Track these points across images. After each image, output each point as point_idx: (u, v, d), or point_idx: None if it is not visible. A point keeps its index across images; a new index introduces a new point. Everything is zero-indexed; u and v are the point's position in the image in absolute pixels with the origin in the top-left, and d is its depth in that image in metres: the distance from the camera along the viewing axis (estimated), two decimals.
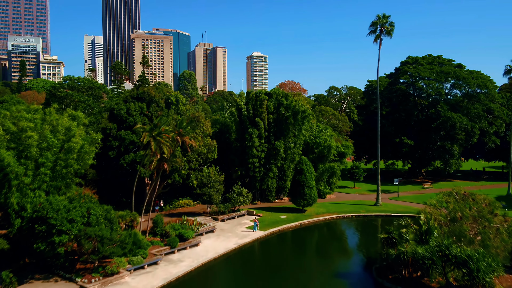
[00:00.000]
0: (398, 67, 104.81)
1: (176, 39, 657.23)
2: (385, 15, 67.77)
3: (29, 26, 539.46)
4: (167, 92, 68.60)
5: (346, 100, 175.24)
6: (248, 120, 71.06)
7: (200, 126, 65.81)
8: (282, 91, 74.00)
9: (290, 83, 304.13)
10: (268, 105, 70.92)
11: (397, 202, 73.18)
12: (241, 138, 72.14)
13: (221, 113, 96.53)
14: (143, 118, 63.15)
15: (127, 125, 61.87)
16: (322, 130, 77.73)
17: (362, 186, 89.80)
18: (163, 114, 65.25)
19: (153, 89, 66.40)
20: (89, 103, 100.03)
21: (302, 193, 63.80)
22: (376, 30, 68.76)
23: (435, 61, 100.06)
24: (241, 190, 62.88)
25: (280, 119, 71.09)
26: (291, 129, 70.83)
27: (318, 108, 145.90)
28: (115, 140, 61.19)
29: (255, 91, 72.87)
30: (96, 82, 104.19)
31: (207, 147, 65.67)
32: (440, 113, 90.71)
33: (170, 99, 67.06)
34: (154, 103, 64.91)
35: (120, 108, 62.69)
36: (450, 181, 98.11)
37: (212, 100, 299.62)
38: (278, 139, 70.80)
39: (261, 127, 69.82)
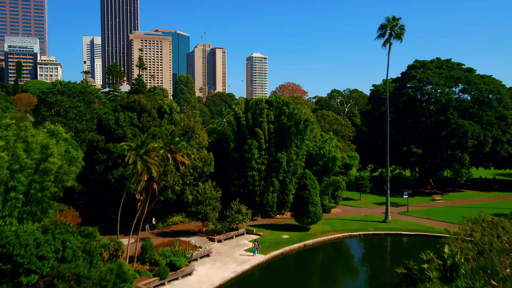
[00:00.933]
0: (405, 71, 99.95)
1: (175, 39, 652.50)
2: (394, 17, 62.89)
3: (26, 27, 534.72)
4: (160, 100, 63.73)
5: (348, 103, 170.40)
6: (247, 130, 66.14)
7: (195, 137, 60.88)
8: (283, 98, 69.11)
9: (291, 85, 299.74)
10: (268, 114, 66.00)
11: (407, 217, 68.24)
12: (240, 149, 67.25)
13: (219, 119, 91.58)
14: (134, 129, 58.20)
15: (116, 136, 56.89)
16: (326, 140, 72.76)
17: (368, 197, 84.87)
18: (155, 124, 60.40)
19: (144, 97, 61.44)
20: (81, 109, 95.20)
21: (306, 210, 58.85)
22: (385, 33, 63.87)
23: (444, 65, 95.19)
24: (239, 207, 57.97)
25: (282, 128, 66.20)
26: (293, 139, 65.91)
27: (320, 113, 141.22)
28: (102, 153, 56.24)
29: (255, 99, 67.93)
30: (88, 87, 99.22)
31: (203, 160, 60.74)
32: (451, 121, 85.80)
33: (163, 107, 62.11)
34: (145, 112, 59.94)
35: (108, 118, 57.73)
36: (460, 191, 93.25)
37: (211, 103, 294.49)
38: (280, 150, 65.88)
39: (261, 137, 64.90)
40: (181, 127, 62.80)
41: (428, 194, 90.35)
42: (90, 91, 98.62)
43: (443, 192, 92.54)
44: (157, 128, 59.40)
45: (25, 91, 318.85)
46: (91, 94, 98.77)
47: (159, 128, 59.93)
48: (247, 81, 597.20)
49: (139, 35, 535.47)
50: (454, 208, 74.47)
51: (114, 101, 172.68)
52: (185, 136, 61.61)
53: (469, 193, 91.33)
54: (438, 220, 65.62)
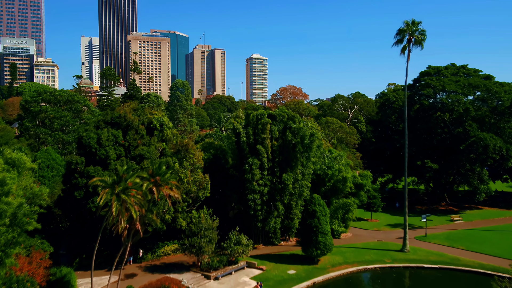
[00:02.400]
0: (417, 78, 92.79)
1: (174, 40, 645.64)
2: (414, 21, 55.68)
3: (23, 28, 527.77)
4: (150, 114, 56.55)
5: (352, 109, 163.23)
6: (248, 147, 58.96)
7: (189, 157, 53.65)
8: (288, 111, 61.90)
9: (291, 88, 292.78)
10: (272, 129, 58.83)
11: (426, 244, 61.03)
12: (239, 168, 60.09)
13: (217, 131, 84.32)
14: (118, 148, 50.97)
15: (97, 158, 49.69)
16: (336, 158, 65.53)
17: (380, 217, 77.64)
18: (143, 142, 53.17)
19: (131, 112, 54.15)
20: (67, 119, 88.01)
21: (315, 241, 51.61)
22: (403, 39, 56.71)
23: (460, 72, 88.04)
24: (239, 238, 50.80)
25: (287, 146, 59.01)
26: (299, 158, 58.74)
27: (324, 120, 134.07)
28: (82, 177, 49.02)
29: (256, 112, 60.65)
30: (75, 95, 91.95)
31: (197, 184, 53.54)
32: (469, 133, 78.74)
33: (152, 123, 54.87)
34: (132, 129, 52.72)
35: (89, 137, 50.49)
36: (478, 208, 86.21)
37: (209, 106, 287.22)
38: (284, 170, 58.71)
39: (264, 156, 57.71)
40: (173, 145, 55.60)
41: (444, 212, 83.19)
42: (77, 100, 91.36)
43: (460, 209, 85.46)
44: (145, 147, 52.18)
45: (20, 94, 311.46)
46: (79, 102, 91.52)
47: (148, 147, 52.72)
48: (247, 82, 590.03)
49: (137, 36, 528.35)
50: (477, 231, 67.35)
51: (108, 106, 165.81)
52: (177, 155, 54.52)
53: (489, 211, 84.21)
54: (462, 248, 58.48)
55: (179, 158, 54.13)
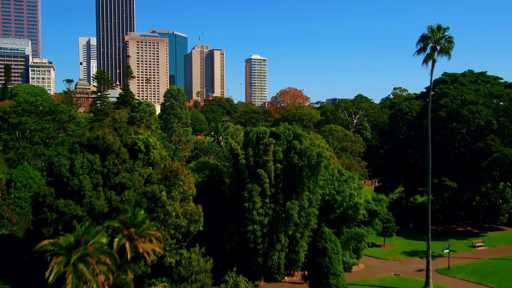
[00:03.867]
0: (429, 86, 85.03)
1: (173, 40, 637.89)
2: (440, 26, 48.17)
3: (19, 28, 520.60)
4: (134, 134, 49.04)
5: (357, 115, 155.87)
6: (248, 171, 51.39)
7: (179, 185, 46.14)
8: (293, 128, 54.29)
9: (292, 90, 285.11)
10: (275, 150, 51.23)
11: (451, 280, 53.47)
12: (238, 193, 52.54)
13: (213, 146, 76.66)
14: (95, 176, 43.42)
15: (69, 189, 42.15)
16: (346, 180, 57.91)
17: (394, 242, 70.04)
18: (125, 168, 45.65)
19: (111, 133, 46.60)
20: (49, 131, 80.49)
21: (326, 284, 44.10)
22: (426, 47, 49.19)
23: (479, 79, 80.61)
24: (237, 281, 43.38)
25: (292, 169, 51.47)
26: (306, 183, 51.25)
27: (327, 127, 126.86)
28: (51, 211, 41.45)
29: (257, 130, 52.93)
30: (59, 105, 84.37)
31: (188, 217, 46.01)
32: (491, 148, 71.24)
33: (136, 145, 47.34)
34: (112, 153, 45.16)
35: (60, 163, 42.93)
36: (499, 229, 78.68)
37: (207, 109, 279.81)
38: (289, 197, 51.22)
39: (265, 181, 50.16)
40: (161, 170, 48.13)
41: (463, 234, 75.69)
42: (61, 110, 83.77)
43: (480, 230, 77.99)
44: (127, 174, 44.63)
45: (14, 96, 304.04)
46: (63, 113, 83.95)
47: (131, 173, 45.17)
48: (246, 83, 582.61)
49: (135, 36, 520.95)
50: (506, 262, 59.87)
51: (101, 111, 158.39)
52: (165, 182, 47.05)
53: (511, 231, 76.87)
54: (493, 287, 50.99)
55: (168, 185, 46.68)
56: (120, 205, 42.60)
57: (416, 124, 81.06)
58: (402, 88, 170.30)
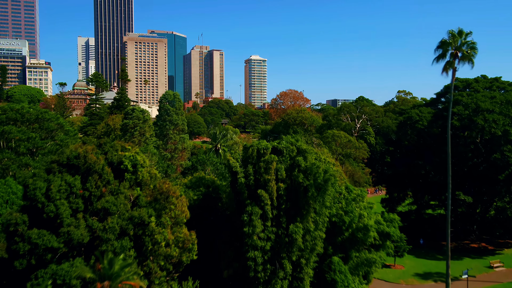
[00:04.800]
0: (442, 92, 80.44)
1: (172, 41, 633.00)
2: (462, 31, 43.30)
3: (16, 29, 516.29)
4: (122, 150, 44.11)
5: (360, 119, 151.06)
6: (247, 191, 46.42)
7: (170, 209, 41.18)
8: (298, 143, 49.23)
9: (292, 92, 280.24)
10: (278, 168, 46.25)
11: None
12: (236, 216, 47.58)
13: (211, 157, 71.66)
14: (75, 201, 38.43)
15: (45, 216, 37.18)
16: (355, 199, 52.90)
17: (405, 262, 65.09)
18: (110, 189, 40.67)
19: (94, 150, 41.55)
20: (36, 141, 75.41)
21: None
22: (445, 54, 44.26)
23: (494, 86, 75.75)
24: None
25: (296, 189, 46.50)
26: (312, 204, 46.30)
27: (330, 133, 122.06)
28: (23, 242, 36.50)
29: (257, 145, 47.88)
30: (46, 113, 79.38)
31: (180, 244, 41.04)
32: (509, 160, 66.35)
33: (123, 163, 42.34)
34: (94, 173, 40.15)
35: (36, 186, 37.96)
36: None
37: (206, 112, 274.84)
38: (293, 219, 46.24)
39: (267, 202, 45.17)
40: (150, 192, 43.07)
41: (477, 251, 70.80)
42: (49, 118, 78.73)
43: (495, 246, 73.19)
44: (111, 197, 39.60)
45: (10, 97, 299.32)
46: (51, 121, 78.90)
47: (116, 196, 40.17)
48: (246, 84, 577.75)
49: (134, 37, 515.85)
50: None
51: (96, 115, 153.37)
52: (155, 205, 42.08)
53: None
54: None
55: (158, 209, 41.70)
56: (103, 234, 37.71)
57: (427, 133, 76.12)
58: (406, 91, 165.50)
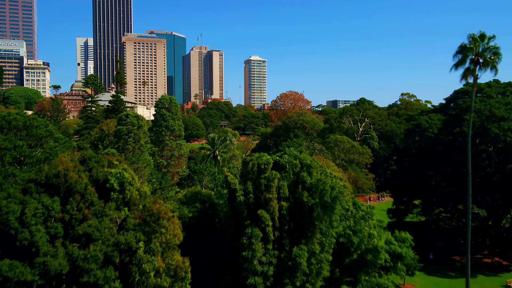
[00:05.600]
0: (451, 97, 76.37)
1: (171, 41, 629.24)
2: (484, 35, 39.13)
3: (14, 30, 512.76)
4: (108, 166, 39.96)
5: (363, 122, 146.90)
6: (247, 210, 42.33)
7: (161, 233, 36.97)
8: (301, 155, 45.03)
9: (292, 94, 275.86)
10: (280, 186, 42.11)
11: None
12: (235, 237, 43.46)
13: (208, 167, 67.37)
14: (53, 225, 34.24)
15: (18, 244, 32.99)
16: (364, 217, 48.72)
17: (415, 281, 60.88)
18: (94, 211, 36.49)
19: (76, 168, 37.35)
20: (23, 149, 71.06)
21: None
22: (465, 60, 40.08)
23: (507, 91, 71.63)
24: None
25: (300, 208, 42.40)
26: (318, 224, 42.17)
27: (333, 138, 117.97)
28: None
29: (257, 159, 43.63)
30: (34, 119, 75.09)
31: (171, 273, 36.84)
32: None
33: (109, 182, 38.15)
34: (76, 194, 35.96)
35: (9, 209, 33.76)
36: None
37: (205, 114, 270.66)
38: (296, 241, 42.15)
39: (268, 224, 41.06)
40: (139, 213, 38.84)
41: (491, 267, 66.63)
42: (37, 125, 74.45)
43: (509, 262, 68.92)
44: (95, 220, 35.41)
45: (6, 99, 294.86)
46: (39, 128, 74.61)
47: (100, 219, 36.00)
48: (245, 85, 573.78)
49: (132, 37, 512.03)
50: None
51: (91, 118, 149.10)
52: (144, 227, 37.88)
53: None
54: None
55: (147, 232, 37.51)
56: (84, 263, 33.56)
57: (435, 140, 71.93)
58: (410, 94, 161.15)
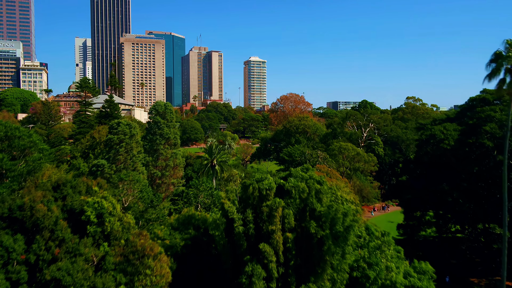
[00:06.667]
0: (467, 106, 70.83)
1: (170, 42, 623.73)
2: None
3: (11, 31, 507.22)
4: (86, 194, 34.34)
5: (367, 127, 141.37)
6: (247, 242, 36.70)
7: (146, 274, 31.37)
8: (310, 181, 39.25)
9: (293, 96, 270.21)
10: (285, 215, 36.46)
11: None
12: (234, 273, 37.80)
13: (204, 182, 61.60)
14: (15, 270, 28.61)
15: None
16: (380, 247, 43.05)
17: None
18: (66, 249, 30.87)
19: (46, 198, 31.79)
20: (4, 162, 65.54)
21: None
22: (499, 69, 34.51)
23: None
24: None
25: (308, 240, 36.78)
26: (329, 259, 36.52)
27: (337, 146, 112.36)
28: None
29: (258, 183, 37.96)
30: (17, 129, 69.50)
31: None
32: None
33: (85, 213, 32.58)
34: (44, 230, 30.35)
35: None
36: None
37: (204, 117, 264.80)
38: (304, 278, 36.51)
39: (271, 259, 35.41)
40: (121, 249, 33.22)
41: None
42: (19, 135, 68.88)
43: None
44: (65, 262, 29.78)
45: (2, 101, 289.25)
46: (21, 138, 69.06)
47: (73, 259, 30.40)
48: (245, 86, 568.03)
49: (130, 38, 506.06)
50: None
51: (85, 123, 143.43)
52: (127, 266, 32.27)
53: None
54: None
55: (129, 273, 31.94)
56: None
57: (453, 153, 66.28)
58: (415, 98, 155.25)
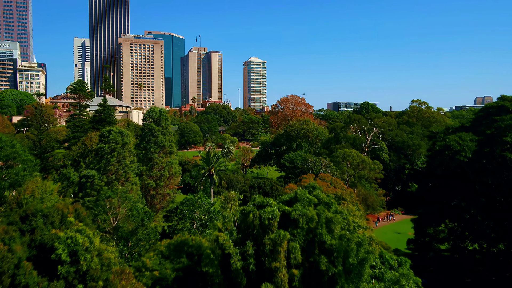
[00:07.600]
0: (483, 113, 65.81)
1: (169, 42, 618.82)
2: None
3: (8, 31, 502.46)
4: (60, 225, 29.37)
5: (371, 131, 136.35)
6: (246, 278, 31.73)
7: None
8: (318, 200, 34.31)
9: (293, 98, 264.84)
10: (291, 249, 31.46)
11: None
12: None
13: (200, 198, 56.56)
14: None
15: None
16: (398, 281, 38.03)
17: None
18: None
19: (8, 233, 26.77)
20: None
21: None
22: None
23: None
24: None
25: (317, 278, 31.80)
26: None
27: (341, 153, 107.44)
28: None
29: (260, 211, 32.93)
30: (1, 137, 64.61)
31: None
32: None
33: (56, 251, 27.55)
34: (3, 276, 25.24)
35: None
36: None
37: (203, 119, 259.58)
38: None
39: None
40: None
41: None
42: (1, 146, 63.95)
43: None
44: None
45: None
46: (4, 149, 64.13)
47: None
48: (244, 87, 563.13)
49: (129, 38, 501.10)
50: None
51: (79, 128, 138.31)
52: None
53: None
54: None
55: None
56: None
57: (469, 165, 61.29)
58: (421, 101, 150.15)
